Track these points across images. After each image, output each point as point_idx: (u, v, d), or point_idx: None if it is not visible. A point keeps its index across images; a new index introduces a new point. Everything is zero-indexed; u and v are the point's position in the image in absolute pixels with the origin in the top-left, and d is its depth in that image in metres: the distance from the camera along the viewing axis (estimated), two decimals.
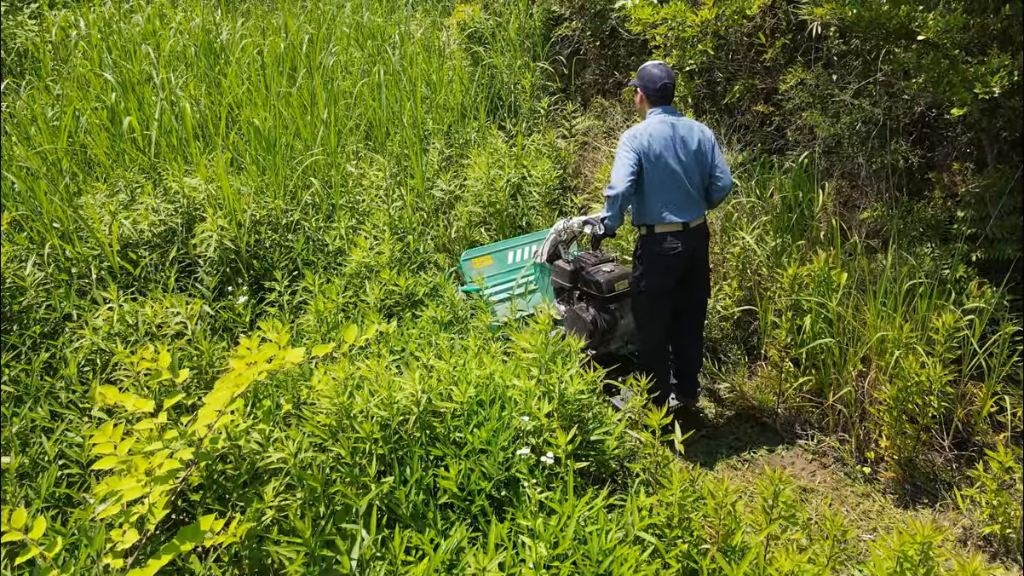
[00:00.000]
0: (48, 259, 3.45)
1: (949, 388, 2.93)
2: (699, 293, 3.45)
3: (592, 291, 3.56)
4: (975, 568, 1.85)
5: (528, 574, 1.99)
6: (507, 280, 4.01)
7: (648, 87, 3.29)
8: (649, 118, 3.28)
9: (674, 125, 3.23)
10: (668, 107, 3.30)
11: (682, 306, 3.41)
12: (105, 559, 1.93)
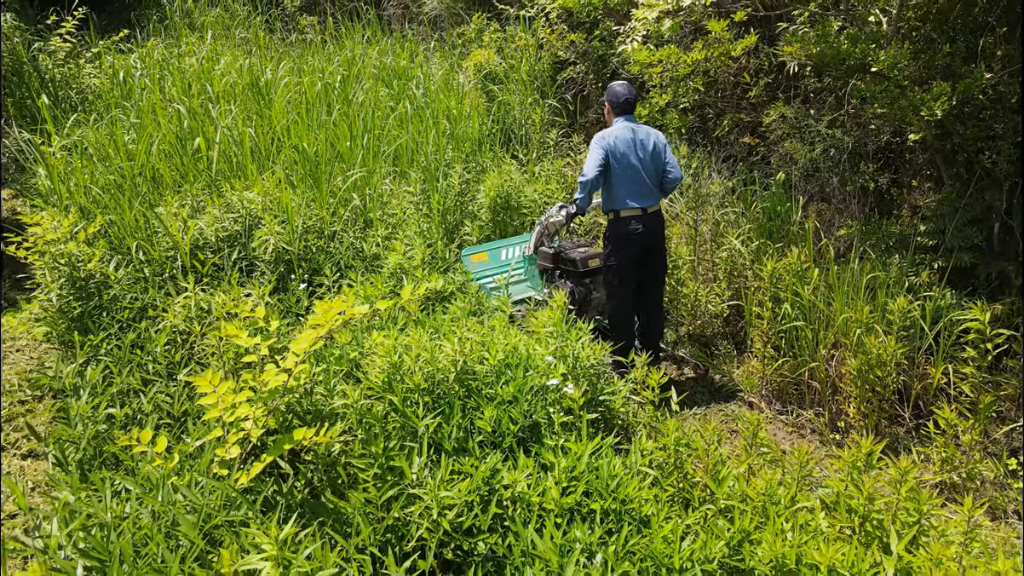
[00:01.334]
0: (128, 260, 3.99)
1: (904, 360, 3.44)
2: (658, 268, 4.15)
3: (570, 268, 4.30)
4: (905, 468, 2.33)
5: (550, 486, 2.47)
6: (499, 272, 4.58)
7: (613, 101, 4.07)
8: (615, 125, 4.04)
9: (634, 130, 3.99)
10: (630, 116, 4.07)
11: (644, 280, 4.09)
12: (213, 469, 2.43)
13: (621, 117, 4.04)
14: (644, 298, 4.12)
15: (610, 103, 4.11)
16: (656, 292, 4.16)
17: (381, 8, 10.33)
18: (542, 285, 4.48)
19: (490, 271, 4.56)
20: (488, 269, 4.57)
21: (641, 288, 4.09)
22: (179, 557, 1.98)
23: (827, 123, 5.28)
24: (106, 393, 3.07)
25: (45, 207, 3.90)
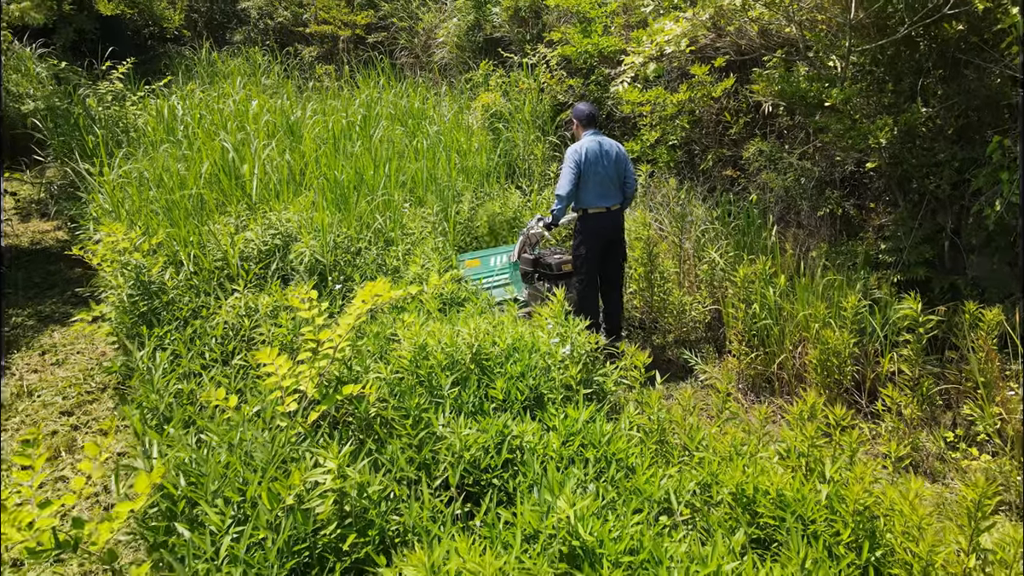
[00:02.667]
0: (181, 269, 4.58)
1: (856, 350, 3.98)
2: (619, 257, 4.89)
3: (547, 271, 5.01)
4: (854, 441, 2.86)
5: (552, 438, 2.99)
6: (487, 276, 5.16)
7: (580, 118, 4.82)
8: (584, 138, 4.75)
9: (600, 142, 4.70)
10: (596, 130, 4.80)
11: (607, 269, 4.83)
12: (275, 421, 2.96)
13: (588, 131, 4.78)
14: (607, 281, 4.85)
15: (577, 119, 4.85)
16: (616, 276, 4.90)
17: (394, 57, 11.15)
18: (524, 286, 5.11)
19: (481, 275, 5.17)
20: (479, 273, 5.18)
21: (605, 273, 4.83)
22: (257, 478, 2.51)
23: (798, 155, 5.92)
24: (173, 373, 3.61)
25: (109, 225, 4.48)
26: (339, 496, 2.45)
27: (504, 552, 2.25)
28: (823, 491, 2.64)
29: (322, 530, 2.37)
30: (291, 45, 13.12)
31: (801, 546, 2.38)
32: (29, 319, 5.59)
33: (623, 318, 5.04)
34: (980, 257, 4.89)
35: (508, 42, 9.05)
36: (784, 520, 2.49)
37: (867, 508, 2.56)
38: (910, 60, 4.80)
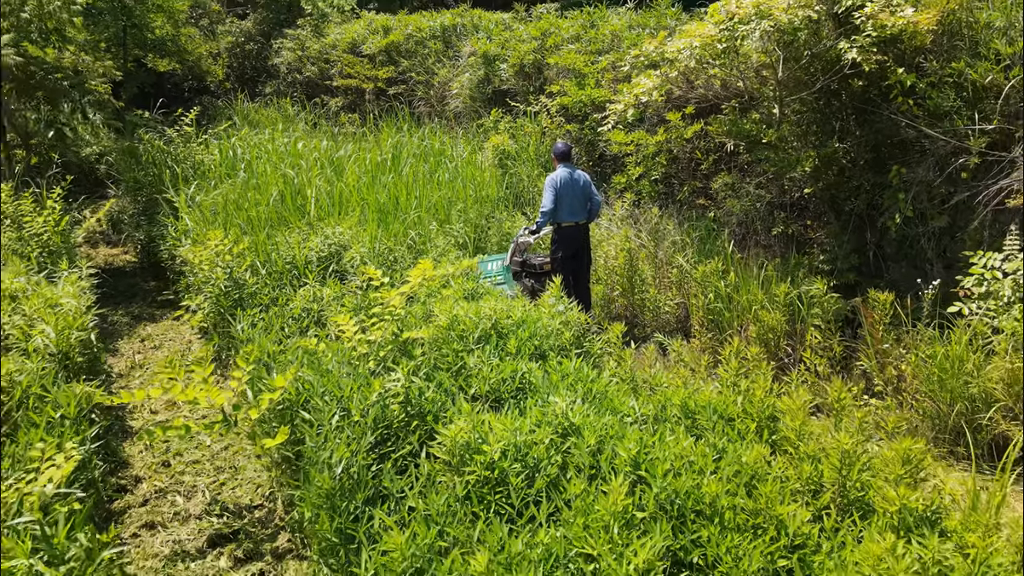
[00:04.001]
0: (258, 270, 5.81)
1: (787, 327, 5.16)
2: (585, 262, 6.24)
3: (532, 270, 6.30)
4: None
5: (554, 376, 4.15)
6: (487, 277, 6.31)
7: (556, 154, 6.22)
8: (558, 170, 6.09)
9: (571, 172, 6.05)
10: (568, 163, 6.15)
11: (576, 266, 6.17)
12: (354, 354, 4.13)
13: (561, 164, 6.13)
14: (577, 275, 6.20)
15: (555, 155, 6.25)
16: (584, 271, 6.26)
17: (412, 107, 12.58)
18: (515, 283, 6.32)
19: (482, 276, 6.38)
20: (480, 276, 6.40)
21: (575, 269, 6.17)
22: (349, 383, 3.68)
23: (754, 185, 7.18)
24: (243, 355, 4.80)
25: (211, 232, 5.73)
26: (405, 396, 3.62)
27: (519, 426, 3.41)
28: (737, 399, 3.80)
29: (395, 417, 3.54)
30: (318, 96, 14.61)
31: (721, 433, 3.54)
32: (124, 317, 6.79)
33: (590, 297, 6.38)
34: (894, 263, 6.10)
35: (514, 93, 10.44)
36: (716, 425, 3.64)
37: (771, 412, 3.72)
38: (833, 107, 6.11)
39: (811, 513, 2.99)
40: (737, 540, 2.76)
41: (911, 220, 5.62)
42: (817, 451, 3.42)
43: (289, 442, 3.73)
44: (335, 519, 3.02)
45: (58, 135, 8.12)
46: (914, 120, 5.37)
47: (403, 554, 2.70)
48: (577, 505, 2.92)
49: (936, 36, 5.40)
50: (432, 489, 3.15)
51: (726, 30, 5.47)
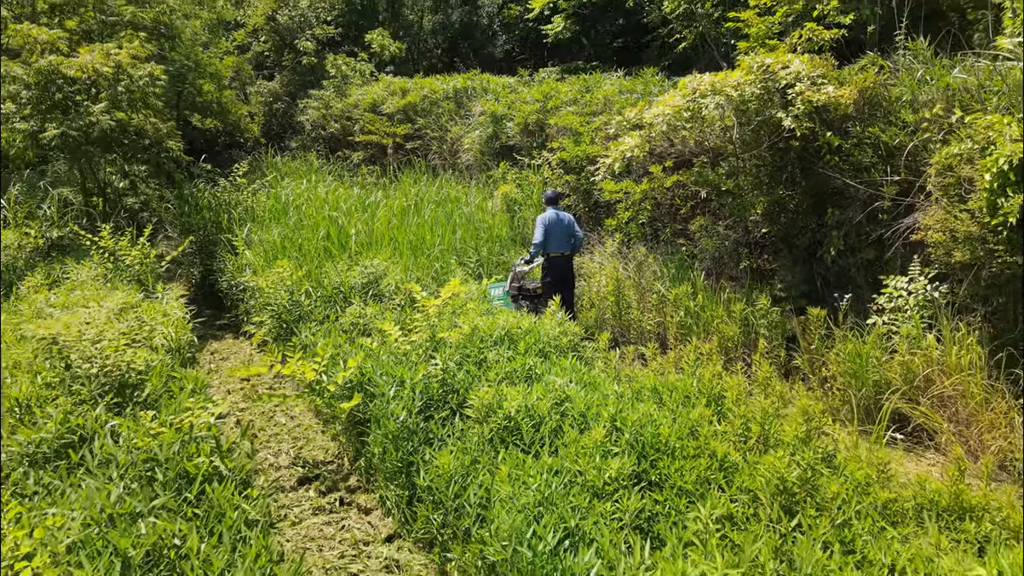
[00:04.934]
0: (311, 293, 7.08)
1: (743, 338, 6.39)
2: (570, 286, 7.56)
3: (527, 293, 7.61)
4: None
5: (556, 369, 5.37)
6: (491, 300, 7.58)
7: (546, 199, 7.64)
8: (547, 211, 7.45)
9: (557, 213, 7.43)
10: (555, 206, 7.55)
11: (562, 290, 7.28)
12: (401, 348, 5.37)
13: (550, 206, 7.56)
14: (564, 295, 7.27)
15: (545, 200, 7.78)
16: (569, 292, 7.58)
17: (428, 160, 14.05)
18: (513, 305, 7.58)
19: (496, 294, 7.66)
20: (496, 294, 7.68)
21: (562, 292, 7.27)
22: (400, 370, 4.92)
23: (724, 226, 8.50)
24: (321, 346, 6.04)
25: (280, 262, 7.02)
26: (442, 377, 4.85)
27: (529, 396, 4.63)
28: (693, 382, 5.03)
29: (435, 391, 4.76)
30: (340, 150, 16.12)
31: (679, 403, 4.76)
32: (192, 336, 8.05)
33: (575, 315, 7.63)
34: (836, 288, 7.36)
35: (519, 148, 11.89)
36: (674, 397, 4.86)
37: (718, 391, 4.94)
38: (781, 161, 7.46)
39: (739, 454, 4.19)
40: (681, 464, 3.95)
41: (844, 253, 6.92)
42: (749, 415, 4.63)
43: (353, 414, 4.95)
44: (398, 452, 4.23)
45: (131, 185, 9.46)
46: (841, 173, 6.72)
47: (449, 469, 3.91)
48: (570, 443, 4.13)
49: (858, 106, 6.78)
50: (465, 436, 4.36)
51: (691, 101, 6.87)
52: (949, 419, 5.08)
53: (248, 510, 3.39)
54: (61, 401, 4.01)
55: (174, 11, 10.16)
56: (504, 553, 3.26)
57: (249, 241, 8.54)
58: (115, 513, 3.07)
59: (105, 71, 7.86)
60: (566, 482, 3.79)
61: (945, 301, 5.72)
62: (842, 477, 3.93)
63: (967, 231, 5.44)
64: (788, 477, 3.69)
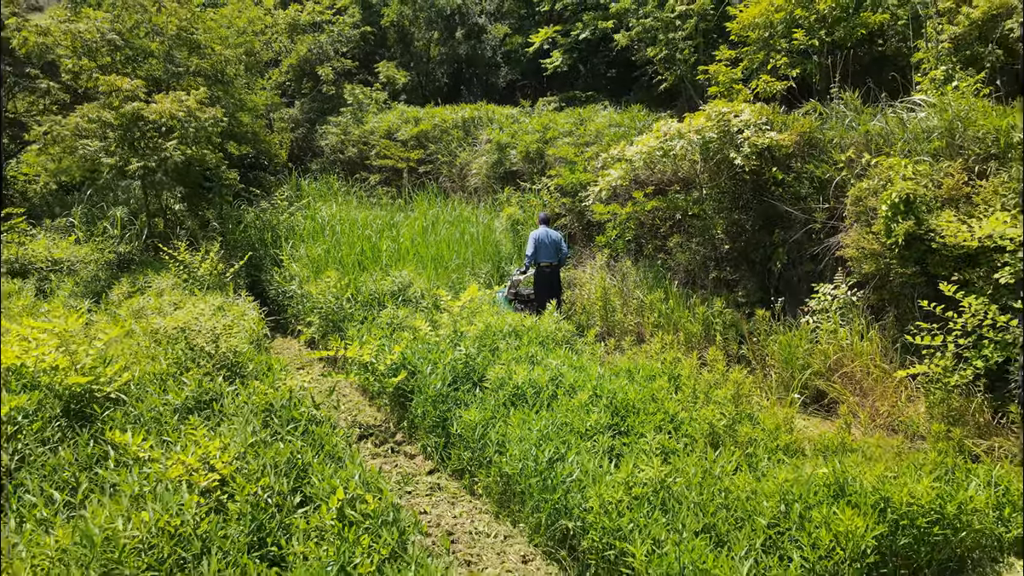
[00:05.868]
0: (351, 299, 8.63)
1: (702, 332, 7.93)
2: (557, 292, 9.04)
3: (522, 299, 9.07)
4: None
5: (552, 356, 6.90)
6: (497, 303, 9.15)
7: (539, 220, 9.13)
8: (539, 228, 8.96)
9: (546, 231, 8.98)
10: (545, 225, 9.07)
11: (552, 295, 8.84)
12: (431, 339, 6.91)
13: (541, 225, 9.05)
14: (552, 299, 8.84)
15: (539, 219, 9.23)
16: (558, 297, 9.04)
17: (439, 183, 15.64)
18: (512, 308, 9.11)
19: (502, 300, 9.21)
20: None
21: (550, 296, 8.87)
22: (433, 354, 6.45)
23: (696, 244, 10.05)
24: (369, 338, 7.57)
25: (328, 271, 8.56)
26: (465, 360, 6.37)
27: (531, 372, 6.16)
28: (657, 364, 6.55)
29: (460, 370, 6.28)
30: (358, 172, 17.71)
31: (646, 380, 6.28)
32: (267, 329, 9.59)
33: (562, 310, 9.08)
34: (785, 295, 8.90)
35: (522, 174, 13.47)
36: (642, 375, 6.40)
37: (677, 371, 6.46)
38: (738, 190, 9.02)
39: (687, 412, 5.71)
40: (643, 418, 5.47)
41: (788, 266, 8.47)
42: (696, 386, 6.16)
43: (398, 388, 6.46)
44: (435, 412, 5.76)
45: (189, 207, 11.02)
46: (784, 201, 8.28)
47: (474, 422, 5.43)
48: (562, 404, 5.65)
49: (799, 146, 8.36)
50: (484, 400, 5.87)
51: (663, 143, 8.44)
52: (853, 392, 6.61)
53: (339, 442, 4.92)
54: (193, 372, 5.54)
55: (228, 61, 11.75)
56: (515, 468, 4.78)
57: (293, 256, 10.09)
58: (256, 440, 4.59)
59: (179, 115, 9.44)
60: (558, 428, 5.30)
61: (861, 304, 7.26)
62: (758, 426, 5.45)
63: (872, 248, 6.99)
64: (716, 424, 5.22)
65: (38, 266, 9.75)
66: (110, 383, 5.17)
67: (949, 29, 8.56)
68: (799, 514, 3.98)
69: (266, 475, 4.13)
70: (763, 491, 4.23)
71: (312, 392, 5.99)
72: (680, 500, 4.22)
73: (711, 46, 11.73)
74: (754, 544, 3.82)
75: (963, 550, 4.21)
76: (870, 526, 3.81)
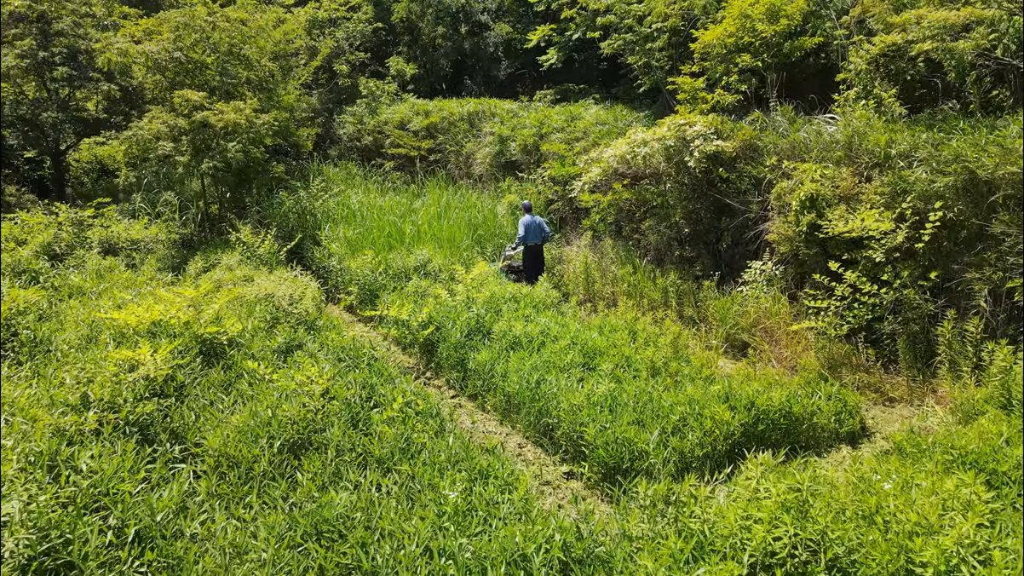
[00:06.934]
0: (385, 272, 10.79)
1: (663, 300, 10.10)
2: (540, 265, 11.26)
3: (513, 270, 11.27)
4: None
5: (542, 316, 9.06)
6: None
7: (524, 207, 11.32)
8: (526, 216, 11.12)
9: (532, 217, 11.19)
10: (529, 212, 11.24)
11: (539, 270, 11.07)
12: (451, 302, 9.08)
13: (527, 213, 11.11)
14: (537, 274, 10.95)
15: (523, 208, 11.29)
16: (540, 270, 11.11)
17: (448, 170, 17.69)
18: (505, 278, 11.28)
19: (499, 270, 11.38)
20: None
21: (537, 271, 10.99)
22: (452, 312, 8.63)
23: (664, 227, 12.16)
24: (401, 301, 9.74)
25: (363, 250, 10.71)
26: (477, 318, 8.53)
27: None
28: (621, 322, 8.72)
29: (473, 325, 8.46)
30: (374, 159, 19.74)
31: (611, 332, 8.44)
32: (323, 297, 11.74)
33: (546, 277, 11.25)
34: (731, 270, 11.05)
35: (520, 164, 15.53)
36: (608, 329, 8.58)
37: (634, 327, 8.63)
38: (695, 184, 11.11)
39: (639, 355, 7.88)
40: (607, 358, 7.63)
41: (732, 246, 10.60)
42: (649, 338, 8.32)
43: (426, 339, 8.63)
44: (456, 354, 7.95)
45: (237, 196, 13.08)
46: (728, 195, 10.39)
47: (485, 360, 7.61)
48: (548, 349, 7.82)
49: (741, 150, 10.43)
50: (492, 346, 8.04)
51: (632, 147, 10.51)
52: (767, 342, 8.80)
53: (393, 371, 7.11)
54: (281, 326, 7.71)
55: (273, 74, 13.76)
56: (514, 389, 6.97)
57: (331, 237, 12.21)
58: (338, 369, 6.77)
59: (240, 122, 11.48)
60: (544, 364, 7.48)
61: (780, 276, 9.41)
62: (688, 365, 7.63)
63: (787, 234, 9.12)
64: (655, 359, 7.40)
65: (120, 246, 11.88)
66: (226, 333, 7.34)
67: (867, 51, 10.58)
68: (697, 412, 6.17)
69: (351, 388, 6.33)
70: (677, 400, 6.42)
71: (369, 339, 8.17)
72: (622, 405, 6.41)
73: (682, 58, 13.70)
74: (665, 428, 6.01)
75: (807, 438, 6.42)
76: (738, 418, 6.01)
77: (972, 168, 7.45)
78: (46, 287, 9.17)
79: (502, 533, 4.24)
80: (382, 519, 4.41)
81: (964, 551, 3.75)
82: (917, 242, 7.78)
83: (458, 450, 5.40)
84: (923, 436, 5.74)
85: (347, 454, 5.29)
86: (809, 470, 4.59)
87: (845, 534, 4.04)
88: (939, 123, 8.84)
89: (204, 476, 5.03)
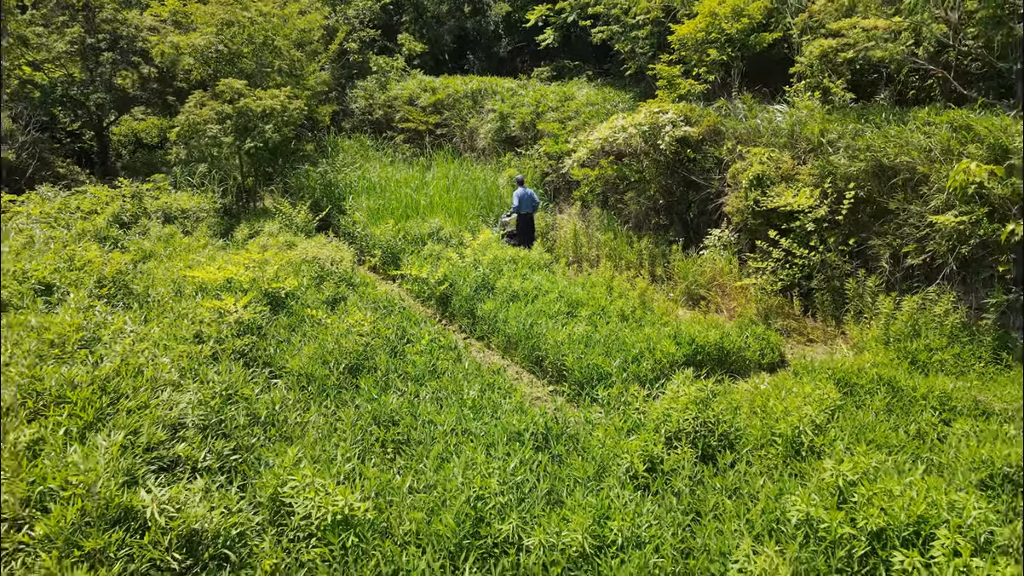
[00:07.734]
0: (404, 238, 12.72)
1: (637, 261, 12.05)
2: (532, 231, 13.20)
3: (508, 235, 13.18)
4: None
5: (536, 275, 11.01)
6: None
7: (517, 181, 13.18)
8: (519, 188, 13.02)
9: (525, 189, 13.11)
10: (523, 185, 13.10)
11: (531, 236, 13.06)
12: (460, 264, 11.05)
13: (520, 186, 12.99)
14: (530, 240, 12.90)
15: (516, 181, 13.19)
16: (533, 238, 13.05)
17: (453, 144, 19.48)
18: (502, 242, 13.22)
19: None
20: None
21: (530, 237, 12.91)
22: (463, 273, 10.61)
23: (644, 199, 14.02)
24: (419, 263, 11.69)
25: (385, 219, 12.63)
26: (483, 277, 10.50)
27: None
28: (602, 280, 10.68)
29: (480, 282, 10.43)
30: (384, 132, 21.48)
31: (592, 288, 10.41)
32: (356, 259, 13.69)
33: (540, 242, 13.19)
34: (698, 236, 12.96)
35: (520, 140, 17.32)
36: (589, 285, 10.56)
37: (611, 286, 10.59)
38: (670, 162, 12.97)
39: (612, 305, 9.85)
40: (586, 308, 9.61)
41: (698, 216, 12.51)
42: (621, 290, 10.29)
43: (442, 293, 10.60)
44: (467, 304, 9.94)
45: (266, 174, 14.95)
46: (695, 173, 12.26)
47: (490, 309, 9.60)
48: (540, 300, 9.80)
49: (707, 134, 12.26)
50: (495, 298, 10.01)
51: (613, 132, 12.34)
52: (720, 296, 10.77)
53: (419, 317, 9.10)
54: (327, 283, 9.67)
55: (302, 62, 15.48)
56: (513, 331, 8.98)
57: (354, 206, 14.10)
58: (375, 317, 8.76)
59: (276, 107, 13.26)
60: (537, 312, 9.45)
61: (734, 242, 11.34)
62: (652, 314, 9.62)
63: (739, 207, 11.02)
64: (624, 308, 9.39)
65: (173, 215, 13.77)
66: (284, 288, 9.30)
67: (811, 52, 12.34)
68: (651, 347, 8.16)
69: (388, 329, 8.33)
70: (638, 339, 8.41)
71: (397, 293, 10.16)
72: (595, 342, 8.40)
73: (662, 47, 15.40)
74: (626, 358, 8.00)
75: (738, 366, 8.45)
76: (681, 351, 8.01)
77: (878, 157, 9.34)
78: (125, 251, 11.11)
79: (504, 421, 6.27)
80: (421, 413, 6.45)
81: (804, 425, 5.77)
82: (838, 215, 9.70)
83: (472, 370, 7.42)
84: (810, 361, 7.77)
85: (391, 374, 7.31)
86: (722, 384, 6.61)
87: (734, 418, 6.07)
88: (873, 113, 10.67)
89: (291, 389, 7.05)
